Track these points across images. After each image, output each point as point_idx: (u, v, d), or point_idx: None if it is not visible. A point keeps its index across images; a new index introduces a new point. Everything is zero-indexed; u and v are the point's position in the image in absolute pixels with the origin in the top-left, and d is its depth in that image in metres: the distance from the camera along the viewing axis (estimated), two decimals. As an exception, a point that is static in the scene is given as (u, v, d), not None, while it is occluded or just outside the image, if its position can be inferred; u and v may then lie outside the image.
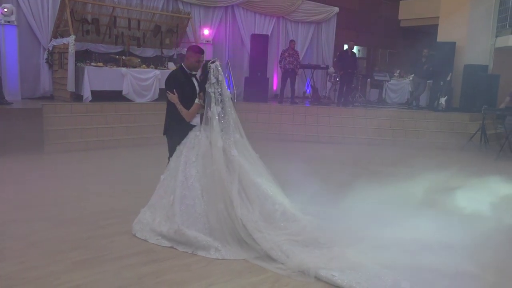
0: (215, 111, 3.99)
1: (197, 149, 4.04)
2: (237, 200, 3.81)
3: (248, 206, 3.86)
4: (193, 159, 4.01)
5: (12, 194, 5.29)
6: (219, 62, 4.08)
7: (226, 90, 4.05)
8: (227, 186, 3.86)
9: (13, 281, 3.17)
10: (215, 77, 3.99)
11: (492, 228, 4.52)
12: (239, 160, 3.98)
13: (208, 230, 3.80)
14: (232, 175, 3.91)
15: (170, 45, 11.15)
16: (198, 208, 3.86)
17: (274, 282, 3.29)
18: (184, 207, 3.86)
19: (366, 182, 6.18)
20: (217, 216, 3.81)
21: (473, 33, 12.07)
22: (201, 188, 3.91)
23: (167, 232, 3.87)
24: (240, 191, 3.89)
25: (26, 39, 9.38)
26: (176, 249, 3.81)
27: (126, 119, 9.01)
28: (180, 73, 4.41)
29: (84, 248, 3.79)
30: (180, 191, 3.91)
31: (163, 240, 3.91)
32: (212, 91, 3.99)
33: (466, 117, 10.85)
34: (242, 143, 4.16)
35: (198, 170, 3.96)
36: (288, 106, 11.11)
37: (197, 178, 3.93)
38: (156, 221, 4.03)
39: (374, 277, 3.16)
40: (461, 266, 3.45)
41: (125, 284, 3.18)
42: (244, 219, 3.75)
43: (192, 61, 4.34)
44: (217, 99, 3.99)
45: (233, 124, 4.07)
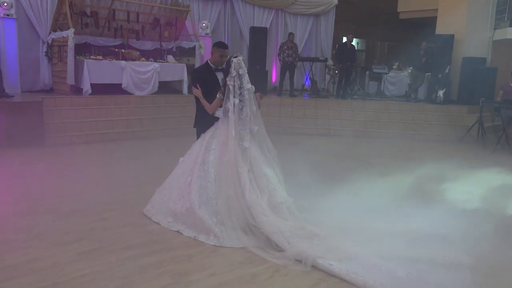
0: (232, 103, 4.14)
1: (217, 139, 4.25)
2: (247, 185, 3.99)
3: (257, 193, 4.04)
4: (213, 146, 4.24)
5: (14, 186, 5.35)
6: (242, 57, 4.24)
7: (247, 84, 4.18)
8: (239, 173, 4.03)
9: (18, 272, 3.24)
10: (235, 71, 4.14)
11: (487, 219, 4.61)
12: (253, 151, 4.18)
13: (215, 211, 3.99)
14: (245, 163, 4.10)
15: (169, 38, 11.16)
16: (210, 191, 4.07)
17: (274, 272, 3.37)
18: (197, 187, 4.10)
19: (364, 174, 6.27)
20: (225, 201, 4.00)
21: (472, 26, 12.11)
22: (215, 173, 4.13)
23: (180, 210, 4.13)
24: (251, 179, 4.08)
25: (25, 32, 9.39)
26: (182, 234, 3.98)
27: (126, 112, 9.06)
28: (205, 69, 4.63)
29: (87, 239, 3.86)
30: (197, 173, 4.16)
31: (174, 223, 4.15)
32: (232, 84, 4.15)
33: (464, 110, 10.92)
34: (262, 135, 4.35)
35: (215, 157, 4.19)
36: (287, 98, 11.16)
37: (213, 164, 4.16)
38: (171, 199, 4.28)
39: (371, 267, 3.24)
40: (455, 257, 3.52)
41: (128, 274, 3.26)
42: (252, 203, 3.92)
43: (215, 56, 4.56)
44: (235, 92, 4.15)
45: (251, 116, 4.22)
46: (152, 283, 3.14)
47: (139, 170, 6.26)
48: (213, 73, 4.58)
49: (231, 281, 3.22)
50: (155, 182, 4.80)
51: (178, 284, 3.15)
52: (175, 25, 11.04)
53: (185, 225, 4.07)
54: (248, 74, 4.24)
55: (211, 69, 4.60)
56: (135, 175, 6.01)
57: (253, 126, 4.24)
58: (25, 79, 9.37)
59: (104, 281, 3.14)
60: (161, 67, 9.85)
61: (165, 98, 9.78)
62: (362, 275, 3.15)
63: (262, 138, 4.35)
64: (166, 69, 10.01)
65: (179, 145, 5.29)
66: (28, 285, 3.06)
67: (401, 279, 3.08)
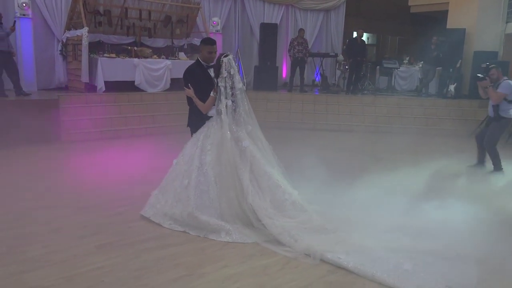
0: (224, 105, 4.12)
1: (212, 138, 4.21)
2: (248, 187, 3.98)
3: (259, 194, 4.05)
4: (208, 147, 4.19)
5: (33, 182, 5.54)
6: (232, 56, 4.20)
7: (238, 83, 4.17)
8: (239, 174, 4.03)
9: (39, 263, 3.40)
10: (227, 71, 4.10)
11: (496, 213, 4.66)
12: (251, 150, 4.13)
13: (220, 215, 4.00)
14: (245, 164, 4.07)
15: (181, 35, 11.28)
16: (211, 194, 4.05)
17: (285, 264, 3.48)
18: (198, 192, 4.06)
19: (373, 169, 6.35)
20: (228, 202, 4.01)
21: (483, 19, 11.99)
22: (214, 175, 4.09)
23: (180, 215, 4.08)
24: (252, 180, 4.06)
25: (40, 32, 9.60)
26: (189, 233, 4.02)
27: (139, 109, 9.23)
28: (196, 67, 4.56)
29: (104, 233, 4.01)
30: (195, 177, 4.11)
31: (175, 224, 4.12)
32: (223, 85, 4.11)
33: (475, 104, 10.85)
34: (255, 134, 4.31)
35: (212, 158, 4.14)
36: (298, 94, 11.21)
37: (211, 166, 4.11)
38: (168, 203, 4.24)
39: (378, 259, 3.33)
40: (462, 250, 3.59)
41: (144, 266, 3.40)
42: (255, 206, 3.93)
43: (204, 53, 4.49)
44: (227, 93, 4.12)
45: (244, 115, 4.20)
46: (167, 275, 3.27)
47: (152, 166, 6.38)
48: (205, 71, 4.51)
49: (243, 272, 3.34)
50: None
51: (192, 275, 3.28)
52: (186, 22, 11.16)
53: (189, 227, 4.06)
54: (259, 69, 4.27)
55: (203, 66, 4.54)
56: (149, 170, 6.14)
57: (247, 126, 4.22)
58: (41, 77, 9.60)
59: (121, 273, 3.29)
60: (173, 64, 9.98)
61: (177, 95, 9.88)
62: (370, 267, 3.24)
63: (256, 136, 4.31)
64: (177, 66, 10.13)
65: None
66: (48, 276, 3.22)
67: (407, 272, 3.16)
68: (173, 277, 3.24)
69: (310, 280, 3.24)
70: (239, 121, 4.18)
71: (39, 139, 7.49)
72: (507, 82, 6.15)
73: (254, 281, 3.22)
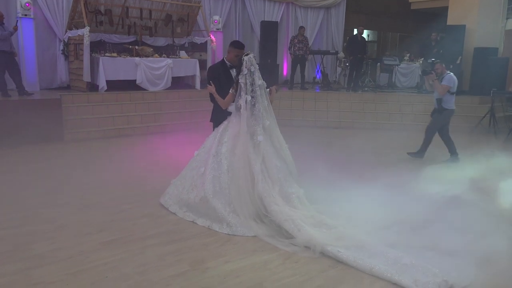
0: (244, 100, 4.32)
1: (229, 132, 4.46)
2: (259, 175, 4.18)
3: (269, 183, 4.23)
4: (225, 139, 4.45)
5: (37, 181, 5.61)
6: (252, 54, 4.40)
7: (258, 80, 4.35)
8: (251, 165, 4.22)
9: (46, 260, 3.48)
10: (247, 68, 4.31)
11: (495, 208, 4.72)
12: (265, 145, 4.34)
13: (228, 202, 4.19)
14: (257, 156, 4.29)
15: (181, 34, 11.33)
16: (222, 181, 4.28)
17: (285, 259, 3.55)
18: (211, 177, 4.31)
19: (373, 165, 6.40)
20: (237, 190, 4.19)
21: (483, 16, 12.02)
22: (228, 164, 4.32)
23: (194, 200, 4.36)
24: (263, 170, 4.26)
25: (42, 31, 9.67)
26: (196, 224, 4.20)
27: (141, 108, 9.30)
28: (220, 66, 4.85)
29: (109, 230, 4.09)
30: (211, 164, 4.37)
31: (188, 212, 4.39)
32: (243, 82, 4.32)
33: (476, 100, 10.90)
34: (273, 130, 4.51)
35: (228, 149, 4.38)
36: (298, 92, 11.27)
37: (226, 156, 4.36)
38: (185, 189, 4.51)
39: (377, 254, 3.40)
40: (462, 245, 3.65)
41: (149, 261, 3.47)
42: (264, 193, 4.11)
43: (232, 55, 4.72)
44: (247, 89, 4.32)
45: (263, 111, 4.40)
46: (171, 270, 3.35)
47: (154, 164, 6.49)
48: (227, 70, 4.76)
49: (245, 267, 3.41)
50: (170, 175, 5.03)
51: (195, 270, 3.35)
52: (187, 21, 11.21)
53: (199, 215, 4.29)
54: (259, 68, 4.39)
55: (226, 66, 4.80)
56: (151, 168, 6.23)
57: (265, 120, 4.41)
58: (43, 77, 9.67)
59: (126, 268, 3.36)
60: (174, 63, 10.05)
61: (179, 93, 9.99)
62: (369, 261, 3.31)
63: (273, 132, 4.50)
64: (179, 65, 10.21)
65: (193, 138, 5.49)
66: (56, 272, 3.29)
67: (405, 265, 3.22)
68: (176, 272, 3.31)
69: (311, 275, 3.31)
70: (257, 116, 4.36)
71: (42, 138, 7.57)
72: (450, 76, 6.75)
73: (255, 275, 3.29)
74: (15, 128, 7.34)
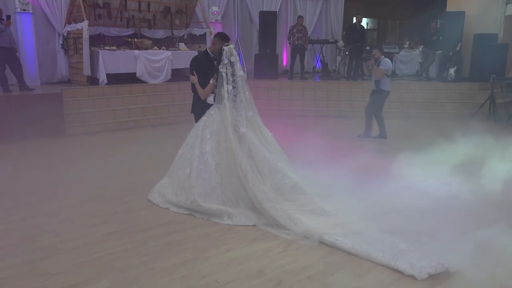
0: (225, 90, 4.32)
1: (211, 127, 4.41)
2: (248, 172, 4.16)
3: (259, 178, 4.22)
4: (208, 136, 4.39)
5: (40, 175, 5.68)
6: (233, 45, 4.42)
7: (239, 71, 4.37)
8: (239, 161, 4.20)
9: (52, 251, 3.56)
10: (227, 58, 4.32)
11: (494, 194, 4.77)
12: (250, 137, 4.31)
13: (222, 201, 4.19)
14: (244, 150, 4.26)
15: (180, 26, 11.34)
16: (213, 181, 4.25)
17: (286, 247, 3.63)
18: (200, 181, 4.27)
19: (373, 153, 6.45)
20: (231, 188, 4.20)
21: (483, 2, 11.97)
22: (216, 163, 4.28)
23: (185, 203, 4.33)
24: (252, 165, 4.24)
25: (41, 26, 9.70)
26: (194, 216, 4.25)
27: (141, 100, 9.35)
28: (203, 57, 4.87)
29: (112, 222, 4.17)
30: (196, 165, 4.31)
31: (181, 209, 4.36)
32: (224, 71, 4.33)
33: (476, 87, 10.92)
34: (255, 121, 4.48)
35: (212, 146, 4.34)
36: (298, 81, 11.29)
37: (212, 154, 4.31)
38: (173, 192, 4.49)
39: (374, 240, 3.47)
40: (460, 231, 3.70)
41: (152, 251, 3.55)
42: (256, 190, 4.11)
43: (217, 47, 4.63)
44: (228, 79, 4.33)
45: (245, 102, 4.39)
46: (174, 259, 3.43)
47: (155, 156, 6.55)
48: (211, 61, 4.74)
49: (246, 255, 3.49)
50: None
51: (198, 259, 3.43)
52: (186, 13, 11.21)
53: (194, 212, 4.28)
54: (259, 58, 4.42)
55: (210, 57, 4.80)
56: (152, 161, 6.30)
57: (248, 112, 4.41)
58: (43, 71, 9.72)
59: (130, 258, 3.44)
60: (173, 55, 10.08)
61: (178, 86, 10.02)
62: (366, 248, 3.38)
63: (255, 123, 4.47)
64: (178, 57, 10.24)
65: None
66: (63, 262, 3.37)
67: (402, 250, 3.29)
68: (179, 261, 3.39)
69: (310, 261, 3.38)
70: (239, 106, 4.36)
71: (44, 133, 7.63)
72: (386, 60, 7.37)
73: (257, 263, 3.37)
74: (17, 123, 7.41)
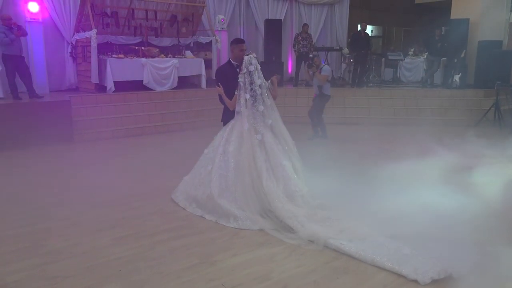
0: (244, 99, 4.49)
1: (236, 131, 4.61)
2: (264, 173, 4.33)
3: (273, 181, 4.37)
4: (232, 138, 4.61)
5: (49, 181, 5.79)
6: (253, 55, 4.54)
7: (257, 80, 4.50)
8: (256, 162, 4.37)
9: (62, 255, 3.64)
10: (246, 68, 4.48)
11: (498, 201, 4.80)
12: (269, 143, 4.49)
13: (234, 198, 4.34)
14: (262, 153, 4.44)
15: (187, 34, 11.47)
16: (229, 180, 4.44)
17: (291, 251, 3.68)
18: (218, 176, 4.47)
19: (377, 160, 6.49)
20: (243, 187, 4.34)
21: (487, 9, 12.01)
22: (235, 163, 4.48)
23: (201, 196, 4.53)
24: (268, 168, 4.41)
25: (50, 34, 9.85)
26: (205, 218, 4.38)
27: (148, 108, 9.46)
28: (227, 67, 4.96)
29: (121, 226, 4.24)
30: (218, 162, 4.53)
31: (197, 208, 4.56)
32: (242, 81, 4.50)
33: (481, 94, 10.93)
34: (277, 128, 4.66)
35: (235, 147, 4.54)
36: (304, 89, 11.34)
37: (233, 155, 4.51)
38: (193, 186, 4.69)
39: (378, 245, 3.52)
40: (463, 236, 3.73)
41: (160, 256, 3.62)
42: (268, 190, 4.26)
43: (236, 52, 4.82)
44: (246, 88, 4.48)
45: (265, 110, 4.55)
46: (181, 263, 3.49)
47: (162, 163, 6.64)
48: (234, 70, 4.81)
49: (252, 260, 3.55)
50: (178, 173, 5.20)
51: (204, 263, 3.49)
52: (192, 21, 11.34)
53: (206, 210, 4.46)
54: (265, 65, 4.53)
55: (233, 66, 4.88)
56: (160, 167, 6.38)
57: (267, 119, 4.55)
58: (52, 79, 9.85)
59: (139, 262, 3.51)
60: (180, 63, 10.20)
61: (185, 93, 10.14)
62: (370, 252, 3.43)
63: (278, 130, 4.64)
64: (184, 65, 10.36)
65: (199, 137, 5.61)
66: (71, 267, 3.44)
67: (406, 255, 3.33)
68: (186, 266, 3.45)
69: (315, 266, 3.43)
70: (257, 115, 4.51)
71: (52, 139, 7.73)
72: (327, 67, 7.87)
73: (262, 268, 3.42)
74: (26, 130, 7.53)
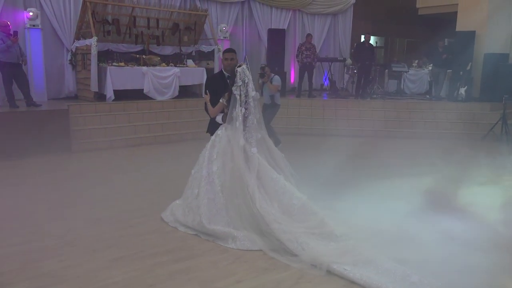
0: (239, 112, 4.27)
1: (217, 148, 4.37)
2: (255, 193, 4.07)
3: (266, 200, 4.13)
4: (214, 156, 4.35)
5: (44, 193, 5.57)
6: (246, 65, 4.37)
7: (251, 91, 4.32)
8: (246, 181, 4.11)
9: (55, 279, 3.40)
10: (241, 80, 4.27)
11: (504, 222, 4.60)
12: (258, 158, 4.25)
13: (227, 222, 4.12)
14: (252, 171, 4.18)
15: (189, 43, 11.32)
16: (218, 202, 4.19)
17: (298, 278, 3.44)
18: (206, 201, 4.22)
19: (383, 175, 6.31)
20: (236, 210, 4.11)
21: (493, 21, 11.89)
22: (221, 184, 4.23)
23: (192, 223, 4.30)
24: (259, 186, 4.16)
25: (50, 41, 9.69)
26: (201, 237, 4.18)
27: (148, 117, 9.26)
28: (218, 76, 4.95)
29: (118, 246, 4.01)
30: (204, 186, 4.28)
31: (188, 229, 4.32)
32: (238, 93, 4.28)
33: (487, 107, 10.77)
34: (264, 142, 4.43)
35: (218, 166, 4.29)
36: (306, 99, 11.20)
37: (217, 175, 4.26)
38: (183, 212, 4.46)
39: (385, 271, 3.30)
40: (470, 260, 3.56)
41: (158, 281, 3.39)
42: (263, 211, 4.00)
43: (225, 63, 4.75)
44: (242, 101, 4.28)
45: (256, 123, 4.35)
46: (182, 290, 3.27)
47: (162, 176, 6.42)
48: (225, 80, 4.69)
49: (257, 287, 3.32)
50: (179, 187, 4.94)
51: (206, 291, 3.27)
52: (194, 30, 11.20)
53: (200, 233, 4.22)
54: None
55: (224, 76, 4.78)
56: (159, 181, 6.16)
57: (257, 134, 4.37)
58: (51, 87, 9.67)
59: (136, 287, 3.28)
60: (181, 72, 10.03)
61: (186, 102, 9.95)
62: (376, 279, 3.21)
63: (265, 144, 4.45)
64: (186, 74, 10.19)
65: (201, 148, 5.39)
66: (64, 292, 3.22)
67: (414, 284, 3.14)
68: (187, 292, 3.23)
69: (324, 295, 3.22)
70: (251, 128, 4.31)
71: (50, 149, 7.51)
72: (277, 77, 7.87)
73: (268, 296, 3.20)
74: (22, 139, 7.32)
